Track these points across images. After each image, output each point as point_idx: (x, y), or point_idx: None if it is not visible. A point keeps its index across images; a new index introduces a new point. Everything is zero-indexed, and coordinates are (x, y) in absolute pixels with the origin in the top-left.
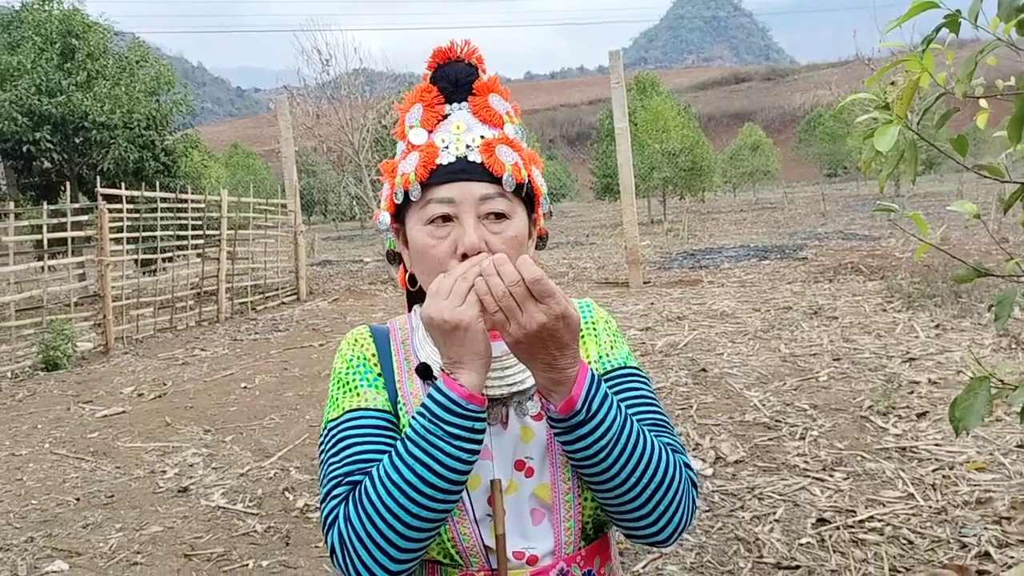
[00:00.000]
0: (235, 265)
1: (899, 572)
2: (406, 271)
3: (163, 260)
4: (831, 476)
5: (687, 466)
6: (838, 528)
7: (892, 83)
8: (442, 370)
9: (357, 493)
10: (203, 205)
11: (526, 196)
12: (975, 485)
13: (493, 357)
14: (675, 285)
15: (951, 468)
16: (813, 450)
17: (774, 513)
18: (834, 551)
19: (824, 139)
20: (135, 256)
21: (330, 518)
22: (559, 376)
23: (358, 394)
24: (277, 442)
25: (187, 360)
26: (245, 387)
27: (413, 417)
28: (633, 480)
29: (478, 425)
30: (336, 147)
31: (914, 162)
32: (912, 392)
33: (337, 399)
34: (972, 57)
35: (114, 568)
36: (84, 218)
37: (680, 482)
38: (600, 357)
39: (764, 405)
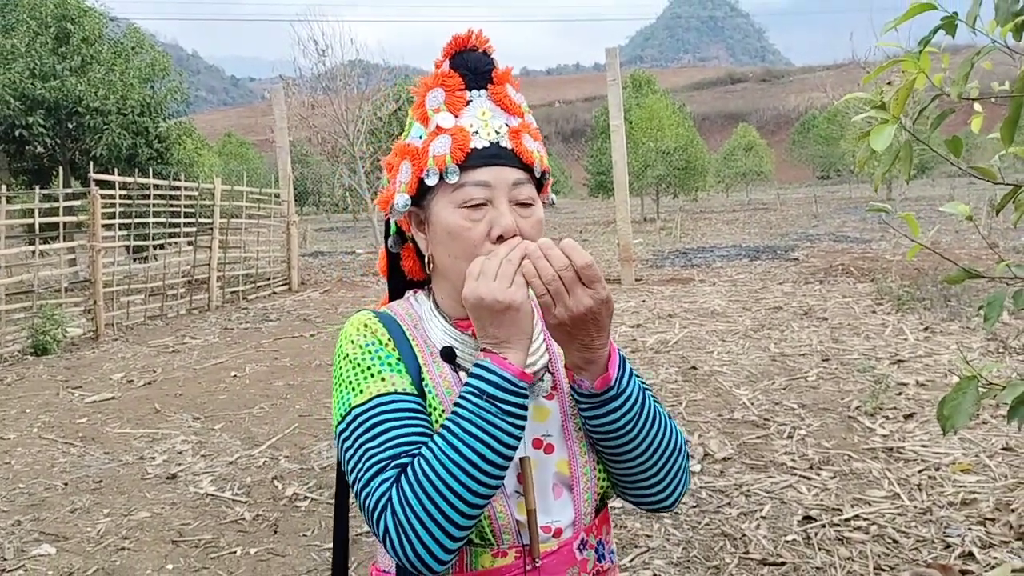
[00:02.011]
0: (227, 254)
1: (884, 571)
2: (387, 255)
3: (155, 247)
4: (818, 475)
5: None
6: (824, 526)
7: (889, 83)
8: (483, 349)
9: (411, 475)
10: (196, 193)
11: (538, 183)
12: (960, 486)
13: None
14: (667, 283)
15: (937, 469)
16: (801, 449)
17: (761, 510)
18: (819, 549)
19: (818, 141)
20: (127, 243)
21: (382, 502)
22: (593, 356)
23: (383, 379)
24: (267, 431)
25: (177, 348)
26: (235, 376)
27: (463, 396)
28: (652, 449)
29: (526, 402)
30: (330, 138)
31: (908, 162)
32: (900, 393)
33: (357, 385)
34: (968, 59)
35: (101, 553)
36: (76, 203)
37: (682, 448)
38: None
39: (753, 403)
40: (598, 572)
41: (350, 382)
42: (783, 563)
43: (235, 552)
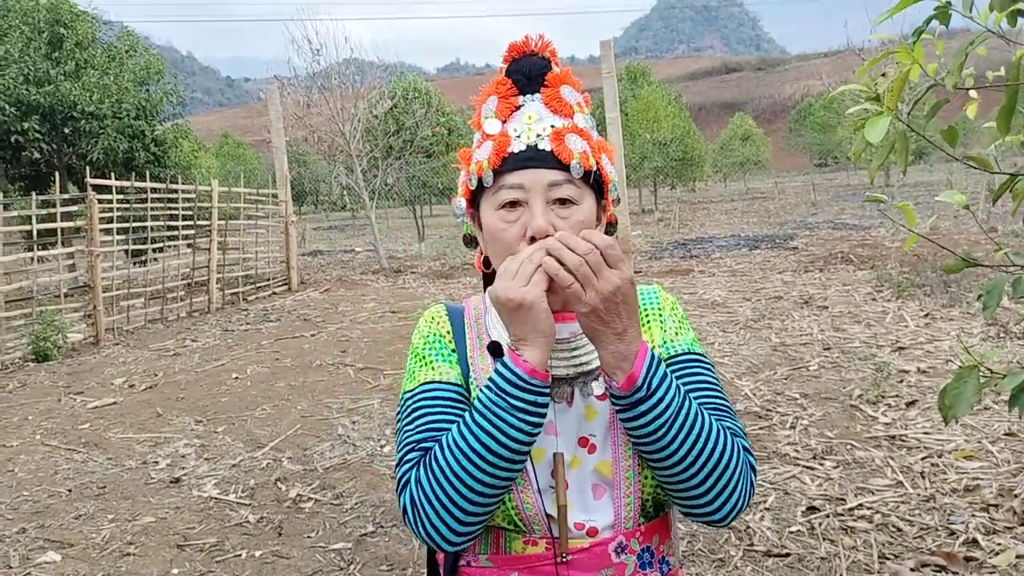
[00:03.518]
0: (226, 255)
1: (888, 559)
2: (482, 254)
3: (153, 251)
4: (821, 464)
5: (746, 450)
6: (828, 516)
7: (883, 74)
8: (508, 346)
9: (428, 458)
10: (193, 195)
11: (595, 183)
12: (963, 473)
13: (561, 339)
14: (666, 275)
15: (940, 456)
16: (803, 439)
17: (765, 501)
18: (824, 539)
19: (815, 129)
20: (125, 247)
21: (403, 481)
22: (626, 349)
23: (433, 368)
24: (269, 432)
25: (178, 351)
26: (236, 378)
27: (481, 390)
28: (691, 458)
29: (541, 399)
30: (327, 137)
31: (904, 153)
32: (901, 381)
33: (414, 372)
34: (963, 49)
35: (107, 559)
36: (74, 209)
37: (738, 464)
38: (664, 342)
39: (755, 394)
40: None
41: (411, 370)
42: (788, 554)
43: (240, 555)
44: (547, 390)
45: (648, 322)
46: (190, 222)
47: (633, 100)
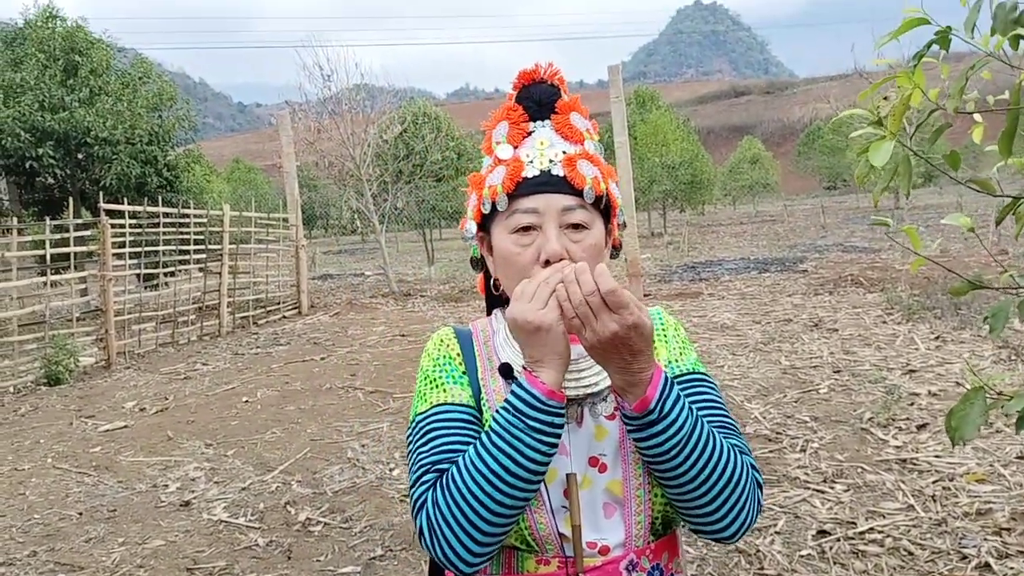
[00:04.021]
0: (237, 279)
1: None
2: (487, 277)
3: (165, 275)
4: (832, 488)
5: (753, 468)
6: (838, 540)
7: (885, 98)
8: (524, 368)
9: (444, 480)
10: (205, 220)
11: (603, 208)
12: (975, 496)
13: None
14: (675, 298)
15: (951, 479)
16: (814, 462)
17: (775, 525)
18: (834, 563)
19: (823, 152)
20: (137, 271)
21: (419, 502)
22: (633, 379)
23: (444, 390)
24: (279, 456)
25: (189, 374)
26: (247, 401)
27: (497, 411)
28: (702, 477)
29: (557, 420)
30: (337, 161)
31: (908, 177)
32: (912, 404)
33: (425, 394)
34: (963, 73)
35: None
36: (87, 233)
37: (746, 482)
38: (669, 362)
39: (765, 417)
40: None
41: (420, 392)
42: None
43: None
44: (563, 411)
45: (654, 343)
46: (201, 246)
47: (642, 124)
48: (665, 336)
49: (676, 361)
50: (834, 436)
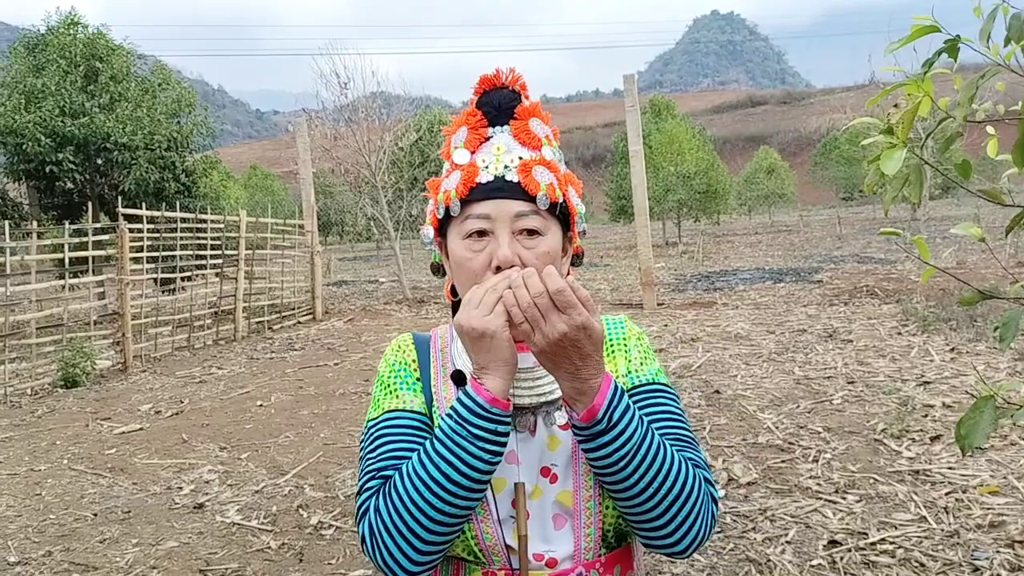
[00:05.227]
0: (252, 285)
1: None
2: (450, 282)
3: (182, 279)
4: (843, 499)
5: (708, 481)
6: (850, 550)
7: (895, 106)
8: (471, 375)
9: (387, 487)
10: (222, 225)
11: (561, 215)
12: (988, 508)
13: (524, 368)
14: (689, 307)
15: (964, 491)
16: (826, 472)
17: (786, 535)
18: (845, 573)
19: (840, 162)
20: (154, 275)
21: (362, 509)
22: (582, 385)
23: (397, 396)
24: (292, 460)
25: (204, 378)
26: (261, 405)
27: (442, 418)
28: (652, 490)
29: (502, 428)
30: (353, 169)
31: (919, 186)
32: (926, 415)
33: (379, 400)
34: (973, 82)
35: None
36: (105, 238)
37: (699, 496)
38: (629, 372)
39: (777, 427)
40: None
41: (375, 398)
42: None
43: None
44: (508, 419)
45: (613, 352)
46: (218, 251)
47: (657, 133)
48: (626, 346)
49: (636, 371)
50: (847, 447)
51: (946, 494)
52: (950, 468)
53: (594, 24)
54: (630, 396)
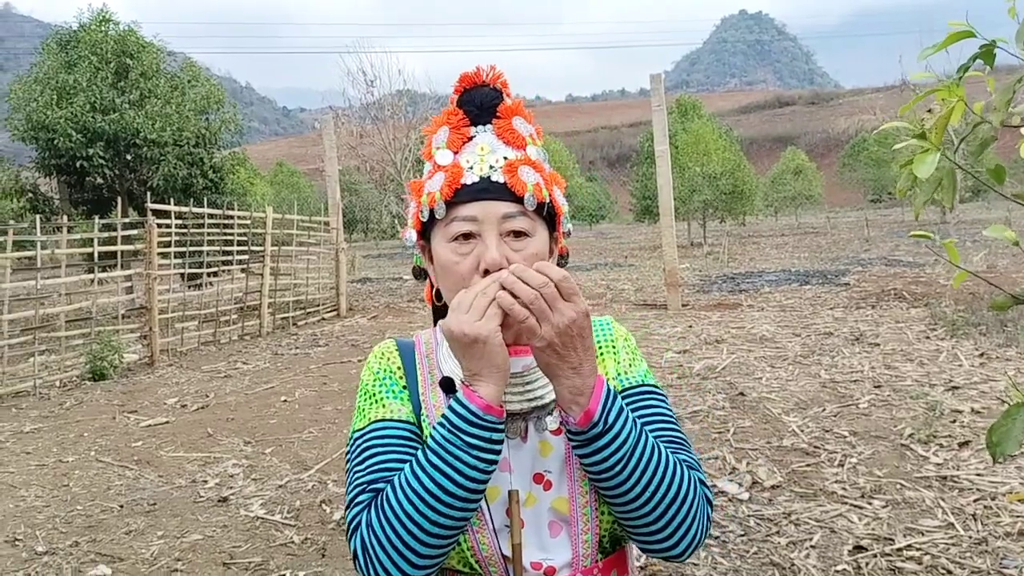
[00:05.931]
0: (278, 281)
1: None
2: (432, 287)
3: (208, 275)
4: (869, 504)
5: (702, 483)
6: (875, 556)
7: (929, 111)
8: (462, 382)
9: (379, 500)
10: (248, 222)
11: (547, 215)
12: (1018, 516)
13: (515, 373)
14: (714, 308)
15: (993, 498)
16: (852, 477)
17: (810, 539)
18: None
19: (869, 164)
20: (182, 270)
21: (353, 523)
22: (583, 384)
23: (383, 405)
24: (315, 455)
25: (229, 373)
26: (285, 400)
27: (434, 427)
28: (648, 494)
29: (496, 436)
30: (379, 166)
31: (951, 190)
32: (954, 421)
33: (364, 410)
34: (1009, 86)
35: (155, 574)
36: (133, 233)
37: (694, 498)
38: (619, 375)
39: (803, 431)
40: None
41: (360, 407)
42: None
43: (284, 575)
44: (502, 426)
45: (602, 354)
46: (244, 247)
47: (683, 133)
48: (614, 348)
49: (625, 373)
50: (873, 451)
51: (974, 501)
52: (978, 474)
53: (620, 23)
54: (622, 399)
